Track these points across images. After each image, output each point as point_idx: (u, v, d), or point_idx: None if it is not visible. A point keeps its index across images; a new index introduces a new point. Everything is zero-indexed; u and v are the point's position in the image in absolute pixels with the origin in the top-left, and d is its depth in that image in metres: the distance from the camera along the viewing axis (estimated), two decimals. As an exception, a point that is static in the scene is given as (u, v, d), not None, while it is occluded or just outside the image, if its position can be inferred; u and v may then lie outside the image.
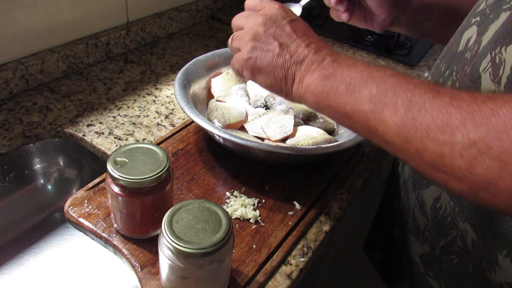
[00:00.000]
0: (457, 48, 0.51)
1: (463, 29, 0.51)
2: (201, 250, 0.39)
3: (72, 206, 0.55)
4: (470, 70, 0.45)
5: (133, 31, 0.94)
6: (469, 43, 0.48)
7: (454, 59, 0.50)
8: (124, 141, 0.69)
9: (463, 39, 0.50)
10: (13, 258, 0.65)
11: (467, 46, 0.48)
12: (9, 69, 0.74)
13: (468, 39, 0.48)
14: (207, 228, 0.41)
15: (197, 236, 0.40)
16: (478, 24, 0.47)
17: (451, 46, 0.54)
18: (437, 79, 0.54)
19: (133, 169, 0.47)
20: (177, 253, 0.40)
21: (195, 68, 0.72)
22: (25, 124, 0.70)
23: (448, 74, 0.51)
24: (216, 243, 0.40)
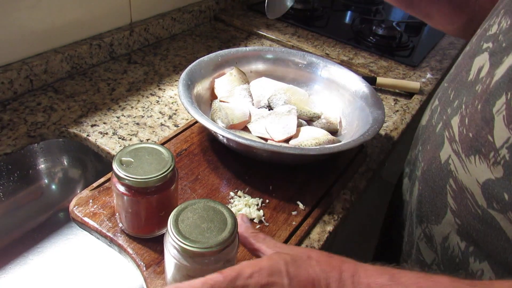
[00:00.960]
0: (467, 75, 0.48)
1: (474, 53, 0.49)
2: (207, 249, 0.39)
3: (77, 205, 0.55)
4: (481, 108, 0.43)
5: (137, 31, 0.94)
6: (481, 74, 0.46)
7: (464, 89, 0.48)
8: (128, 141, 0.69)
9: (473, 67, 0.48)
10: (18, 258, 0.65)
11: (479, 76, 0.46)
12: (14, 69, 0.74)
13: (480, 68, 0.46)
14: (212, 227, 0.41)
15: (202, 235, 0.40)
16: (490, 53, 0.45)
17: (460, 71, 0.51)
18: (445, 107, 0.51)
19: (139, 168, 0.47)
20: (183, 252, 0.40)
21: (198, 68, 0.73)
22: (30, 124, 0.70)
23: (457, 105, 0.48)
24: (222, 242, 0.40)
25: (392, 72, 1.01)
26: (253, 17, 1.19)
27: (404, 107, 0.89)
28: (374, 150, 0.75)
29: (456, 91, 0.50)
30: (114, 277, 0.63)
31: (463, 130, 0.46)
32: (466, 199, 0.45)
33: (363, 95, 0.73)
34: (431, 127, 0.54)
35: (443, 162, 0.49)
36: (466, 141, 0.45)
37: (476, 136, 0.43)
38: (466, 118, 0.46)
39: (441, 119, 0.51)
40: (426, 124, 0.57)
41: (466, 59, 0.51)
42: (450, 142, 0.48)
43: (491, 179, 0.42)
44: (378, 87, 0.93)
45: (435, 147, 0.51)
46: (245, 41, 1.08)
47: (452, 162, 0.47)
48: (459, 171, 0.46)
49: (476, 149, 0.43)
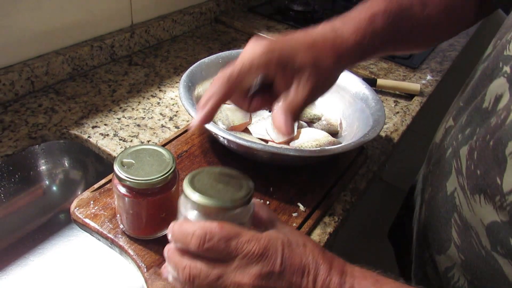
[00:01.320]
0: (481, 101, 0.44)
1: (491, 75, 0.44)
2: (221, 205, 0.38)
3: (78, 207, 0.55)
4: (493, 145, 0.39)
5: (137, 33, 0.95)
6: (498, 106, 0.41)
7: (478, 116, 0.44)
8: (129, 142, 0.69)
9: (489, 93, 0.43)
10: (18, 259, 0.65)
11: (494, 108, 0.41)
12: (15, 71, 0.74)
13: (497, 97, 0.42)
14: (228, 188, 0.40)
15: (217, 194, 0.39)
16: (508, 80, 0.41)
17: (477, 93, 0.47)
18: (457, 132, 0.48)
19: (140, 170, 0.47)
20: (197, 208, 0.38)
21: (199, 70, 0.73)
22: (31, 125, 0.70)
23: (468, 134, 0.45)
24: (236, 200, 0.38)
25: (392, 74, 1.01)
26: (254, 19, 1.19)
27: (405, 109, 0.89)
28: (375, 151, 0.75)
29: (470, 116, 0.46)
30: (115, 278, 0.63)
31: (471, 165, 0.43)
32: (471, 237, 0.43)
33: (363, 97, 0.73)
34: (443, 150, 0.51)
35: (448, 193, 0.46)
36: (472, 177, 0.42)
37: (483, 175, 0.40)
38: (476, 152, 0.42)
39: (452, 144, 0.48)
40: (439, 144, 0.54)
41: (484, 80, 0.46)
42: (457, 174, 0.45)
43: (496, 222, 0.39)
44: (378, 89, 0.93)
45: (443, 175, 0.49)
46: (245, 43, 1.07)
47: (457, 196, 0.45)
48: (463, 207, 0.44)
49: (482, 188, 0.40)
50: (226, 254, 0.36)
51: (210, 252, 0.36)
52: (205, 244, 0.35)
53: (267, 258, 0.36)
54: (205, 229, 0.36)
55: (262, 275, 0.35)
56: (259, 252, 0.36)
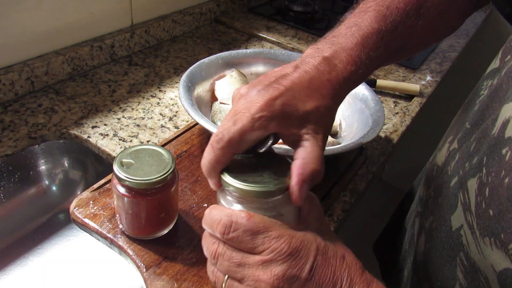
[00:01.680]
0: (492, 126, 0.39)
1: (504, 97, 0.39)
2: (257, 189, 0.35)
3: (78, 207, 0.56)
4: (509, 184, 0.34)
5: (138, 34, 0.95)
6: (506, 132, 0.36)
7: (486, 143, 0.39)
8: (128, 142, 0.70)
9: (499, 118, 0.38)
10: (18, 259, 0.65)
11: (504, 135, 0.36)
12: (15, 71, 0.74)
13: (505, 121, 0.37)
14: (266, 172, 0.37)
15: (255, 177, 0.36)
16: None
17: (486, 116, 0.42)
18: (464, 159, 0.43)
19: (139, 170, 0.47)
20: (232, 194, 0.36)
21: (199, 70, 0.73)
22: (31, 125, 0.70)
23: (476, 164, 0.40)
24: (274, 185, 0.36)
25: (392, 75, 1.01)
26: (254, 19, 1.19)
27: (404, 110, 0.89)
28: (374, 152, 0.75)
29: (478, 142, 0.41)
30: (114, 278, 0.63)
31: (482, 202, 0.37)
32: (479, 281, 0.38)
33: (363, 98, 0.73)
34: (446, 176, 0.46)
35: (454, 229, 0.42)
36: (484, 217, 0.37)
37: (497, 216, 0.35)
38: (487, 188, 0.37)
39: (457, 173, 0.43)
40: (442, 167, 0.48)
41: (495, 101, 0.41)
42: (464, 210, 0.40)
43: (510, 269, 0.35)
44: (378, 90, 0.93)
45: (446, 207, 0.44)
46: (245, 43, 1.08)
47: (464, 234, 0.40)
48: (471, 248, 0.39)
49: (494, 232, 0.35)
50: (251, 247, 0.33)
51: (234, 243, 0.34)
52: (230, 234, 0.34)
53: (296, 260, 0.33)
54: (231, 217, 0.34)
55: (286, 277, 0.33)
56: (287, 252, 0.33)
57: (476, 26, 1.34)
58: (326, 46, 0.44)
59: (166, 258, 0.51)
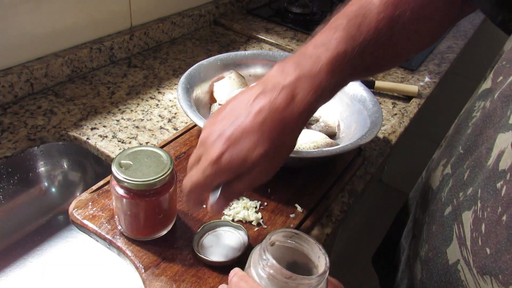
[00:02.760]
0: (487, 156, 0.37)
1: (499, 125, 0.37)
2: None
3: (77, 208, 0.56)
4: (508, 221, 0.32)
5: (137, 36, 0.95)
6: (500, 165, 0.34)
7: (481, 174, 0.37)
8: (127, 144, 0.70)
9: (495, 148, 0.36)
10: (17, 260, 0.65)
11: (498, 167, 0.35)
12: (14, 73, 0.75)
13: (500, 153, 0.35)
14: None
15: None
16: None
17: (480, 143, 0.40)
18: (458, 187, 0.41)
19: (138, 171, 0.47)
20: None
21: (198, 72, 0.73)
22: (30, 127, 0.71)
23: (470, 196, 0.38)
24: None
25: (390, 76, 1.01)
26: (253, 21, 1.20)
27: (403, 111, 0.89)
28: (372, 153, 0.75)
29: (472, 171, 0.39)
30: (113, 279, 0.63)
31: (478, 239, 0.35)
32: None
33: (361, 99, 0.73)
34: (440, 203, 0.44)
35: (450, 263, 0.40)
36: (480, 255, 0.35)
37: (495, 256, 0.33)
38: (483, 224, 0.35)
39: (451, 202, 0.41)
40: (436, 192, 0.46)
41: (489, 127, 0.39)
42: (459, 244, 0.38)
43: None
44: (376, 91, 0.93)
45: (442, 238, 0.42)
46: (244, 45, 1.08)
47: (461, 270, 0.38)
48: (470, 286, 0.37)
49: (492, 272, 0.34)
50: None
51: None
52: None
53: None
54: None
55: None
56: None
57: (474, 28, 1.34)
58: (291, 69, 0.44)
59: (165, 259, 0.51)
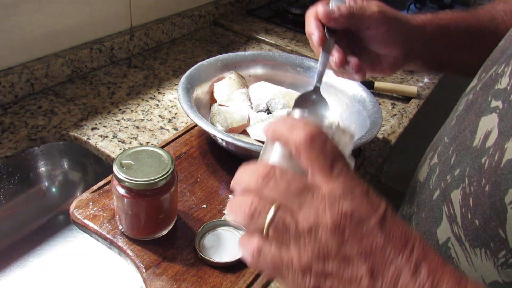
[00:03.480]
0: (471, 138, 0.39)
1: (480, 111, 0.40)
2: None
3: (77, 208, 0.56)
4: (490, 192, 0.34)
5: (137, 36, 0.95)
6: (487, 143, 0.36)
7: (467, 155, 0.39)
8: (128, 144, 0.70)
9: (480, 129, 0.39)
10: (18, 260, 0.66)
11: (485, 145, 0.37)
12: (15, 73, 0.75)
13: (487, 133, 0.37)
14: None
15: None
16: (500, 116, 0.36)
17: (463, 128, 0.42)
18: (445, 172, 0.42)
19: (139, 171, 0.48)
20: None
21: (198, 72, 0.74)
22: (30, 127, 0.71)
23: (458, 176, 0.39)
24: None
25: (389, 77, 1.02)
26: (252, 21, 1.20)
27: (402, 111, 0.90)
28: (372, 153, 0.76)
29: (458, 155, 0.41)
30: (114, 279, 0.63)
31: (467, 213, 0.37)
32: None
33: (361, 99, 0.74)
34: (428, 191, 0.45)
35: (441, 242, 0.41)
36: (471, 228, 0.36)
37: (484, 226, 0.35)
38: (471, 198, 0.36)
39: (439, 185, 0.43)
40: (423, 183, 0.48)
41: (470, 114, 0.42)
42: (450, 222, 0.40)
43: (498, 282, 0.34)
44: (376, 91, 0.94)
45: (431, 220, 0.43)
46: (244, 45, 1.09)
47: (452, 247, 0.39)
48: (461, 261, 0.38)
49: (484, 242, 0.35)
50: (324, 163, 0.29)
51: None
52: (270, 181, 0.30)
53: (369, 202, 0.29)
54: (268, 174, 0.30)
55: (353, 217, 0.28)
56: (363, 190, 0.29)
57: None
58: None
59: (166, 259, 0.51)
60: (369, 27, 0.52)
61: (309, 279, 0.29)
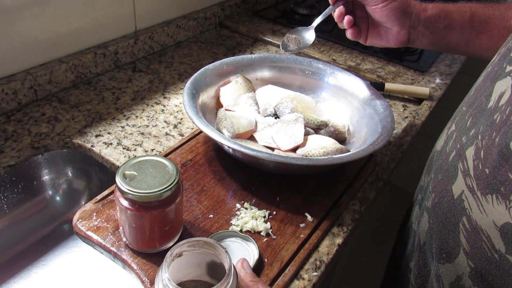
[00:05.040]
0: (487, 101, 0.44)
1: (495, 76, 0.44)
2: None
3: (81, 219, 0.54)
4: (499, 141, 0.39)
5: (141, 39, 0.94)
6: (501, 101, 0.41)
7: (482, 116, 0.44)
8: (132, 151, 0.68)
9: (495, 92, 0.43)
10: (22, 271, 0.64)
11: (498, 104, 0.41)
12: (18, 80, 0.73)
13: (501, 94, 0.42)
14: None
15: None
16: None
17: (479, 95, 0.47)
18: (461, 135, 0.47)
19: (142, 182, 0.46)
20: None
21: (203, 77, 0.72)
22: (34, 135, 0.69)
23: (473, 135, 0.44)
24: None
25: (400, 78, 0.99)
26: (259, 23, 1.18)
27: (414, 114, 0.87)
28: (384, 158, 0.73)
29: (474, 118, 0.45)
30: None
31: (479, 164, 0.41)
32: (481, 241, 0.41)
33: (371, 102, 0.71)
34: (445, 155, 0.50)
35: (455, 197, 0.45)
36: (482, 177, 0.41)
37: (493, 173, 0.39)
38: (482, 150, 0.41)
39: (455, 147, 0.47)
40: (441, 150, 0.52)
41: (487, 82, 0.46)
42: (464, 176, 0.44)
43: (509, 223, 0.38)
44: (386, 93, 0.91)
45: (447, 179, 0.47)
46: (250, 47, 1.07)
47: (465, 198, 0.43)
48: (473, 210, 0.42)
49: (494, 187, 0.39)
50: None
51: None
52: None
53: None
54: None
55: None
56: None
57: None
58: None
59: (171, 272, 0.49)
60: (368, 3, 0.63)
61: None
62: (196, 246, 0.41)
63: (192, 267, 0.43)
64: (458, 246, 0.44)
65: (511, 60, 0.43)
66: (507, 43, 0.48)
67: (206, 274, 0.44)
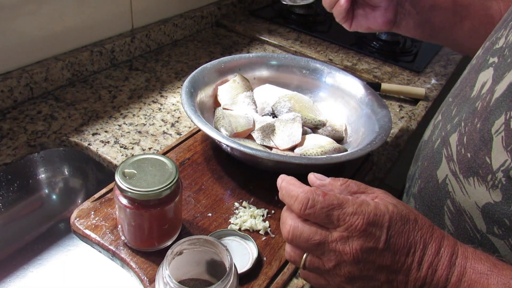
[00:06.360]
0: (470, 91, 0.46)
1: (479, 68, 0.47)
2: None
3: (79, 217, 0.54)
4: (480, 127, 0.41)
5: (138, 38, 0.93)
6: (483, 90, 0.44)
7: (466, 105, 0.46)
8: (130, 150, 0.68)
9: (478, 82, 0.46)
10: (17, 270, 0.64)
11: (480, 93, 0.44)
12: (14, 77, 0.73)
13: (483, 84, 0.44)
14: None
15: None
16: (495, 68, 0.43)
17: (464, 86, 0.49)
18: (446, 123, 0.49)
19: (142, 181, 0.46)
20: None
21: (201, 76, 0.72)
22: (30, 133, 0.69)
23: (456, 122, 0.46)
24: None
25: (396, 78, 1.00)
26: (255, 22, 1.18)
27: (410, 114, 0.88)
28: (380, 158, 0.74)
29: (458, 107, 0.48)
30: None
31: (461, 149, 0.44)
32: (464, 222, 0.43)
33: (368, 102, 0.72)
34: (431, 143, 0.52)
35: (440, 181, 0.47)
36: (464, 161, 0.43)
37: (474, 157, 0.42)
38: (465, 136, 0.44)
39: (440, 135, 0.49)
40: (427, 139, 0.55)
41: (471, 73, 0.49)
42: (447, 161, 0.46)
43: (490, 203, 0.40)
44: (382, 93, 0.92)
45: (432, 165, 0.49)
46: (247, 46, 1.07)
47: (449, 182, 0.45)
48: (456, 193, 0.44)
49: (474, 171, 0.41)
50: (328, 222, 0.36)
51: (311, 217, 0.37)
52: (307, 210, 0.37)
53: (370, 235, 0.36)
54: (308, 194, 0.37)
55: (363, 249, 0.36)
56: (362, 228, 0.36)
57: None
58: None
59: (170, 271, 0.49)
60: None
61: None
62: (197, 244, 0.41)
63: (192, 265, 0.43)
64: (443, 228, 0.46)
65: (494, 53, 0.45)
66: (491, 37, 0.50)
67: (206, 272, 0.44)
